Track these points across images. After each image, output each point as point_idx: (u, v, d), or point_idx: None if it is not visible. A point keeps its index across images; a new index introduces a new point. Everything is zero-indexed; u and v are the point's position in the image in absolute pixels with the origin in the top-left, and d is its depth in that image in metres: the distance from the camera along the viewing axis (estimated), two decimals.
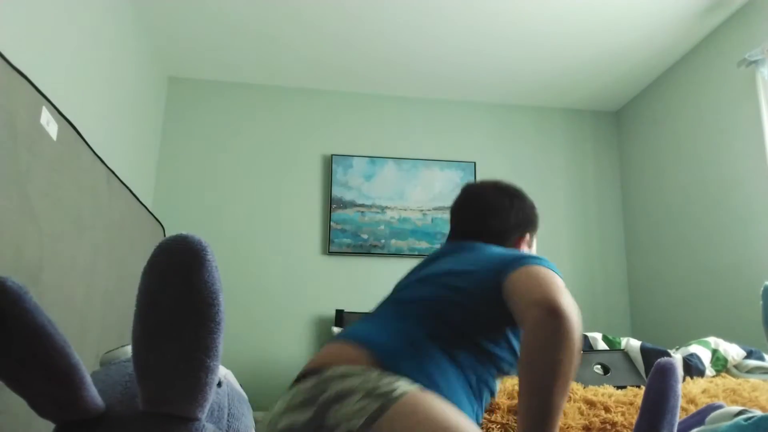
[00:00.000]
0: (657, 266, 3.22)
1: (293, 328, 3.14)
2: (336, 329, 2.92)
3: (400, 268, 3.32)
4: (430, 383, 0.85)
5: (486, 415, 1.24)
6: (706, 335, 2.74)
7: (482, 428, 1.17)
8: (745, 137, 2.59)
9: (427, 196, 3.39)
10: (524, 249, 1.23)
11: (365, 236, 3.28)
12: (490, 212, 1.20)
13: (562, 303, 0.79)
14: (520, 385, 0.79)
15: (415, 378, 0.84)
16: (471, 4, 2.66)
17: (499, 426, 1.18)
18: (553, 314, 0.78)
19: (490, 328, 0.96)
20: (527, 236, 1.23)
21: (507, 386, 1.27)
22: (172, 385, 0.62)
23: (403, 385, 0.78)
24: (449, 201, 3.40)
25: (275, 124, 3.43)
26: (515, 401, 1.23)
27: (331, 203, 3.30)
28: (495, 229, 1.18)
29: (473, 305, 0.97)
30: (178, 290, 0.60)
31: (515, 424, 1.17)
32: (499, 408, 1.25)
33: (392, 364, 0.84)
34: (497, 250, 1.08)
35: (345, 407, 0.75)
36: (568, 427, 1.13)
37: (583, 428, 1.14)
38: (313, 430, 0.75)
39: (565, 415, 1.16)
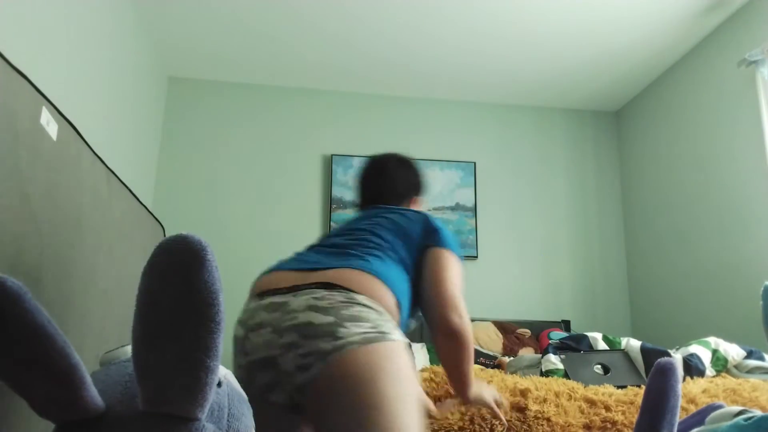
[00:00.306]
0: (657, 266, 3.22)
1: None
2: None
3: None
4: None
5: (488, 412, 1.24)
6: (706, 335, 2.74)
7: (486, 425, 1.17)
8: (745, 137, 2.59)
9: (427, 196, 3.39)
10: (417, 208, 1.50)
11: None
12: (394, 178, 1.46)
13: (453, 325, 1.11)
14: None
15: (404, 333, 1.13)
16: (471, 5, 2.66)
17: (500, 423, 1.18)
18: (449, 333, 1.12)
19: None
20: (418, 197, 1.51)
21: (509, 384, 1.27)
22: (172, 385, 0.62)
23: (398, 335, 1.03)
24: (449, 201, 3.41)
25: (275, 124, 3.43)
26: (517, 398, 1.23)
27: (331, 203, 3.30)
28: (398, 191, 1.45)
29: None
30: (178, 290, 0.60)
31: (518, 422, 1.17)
32: (500, 405, 1.25)
33: (402, 317, 1.12)
34: (415, 217, 1.28)
35: (356, 327, 0.96)
36: (568, 425, 1.13)
37: (584, 426, 1.14)
38: (327, 332, 0.96)
39: (566, 413, 1.16)
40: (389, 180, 1.46)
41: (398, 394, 0.92)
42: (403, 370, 0.96)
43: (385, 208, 1.34)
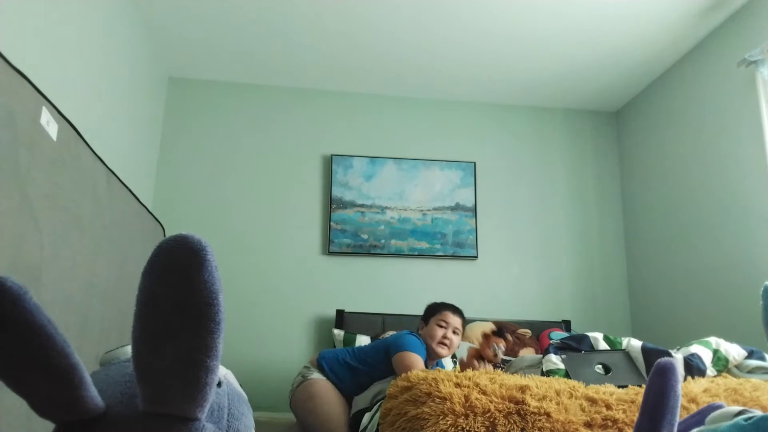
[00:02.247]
0: (657, 266, 3.22)
1: (293, 328, 3.14)
2: (336, 330, 2.92)
3: (400, 269, 3.32)
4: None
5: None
6: (707, 335, 2.73)
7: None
8: (745, 137, 2.59)
9: (427, 196, 3.39)
10: (424, 329, 2.33)
11: (365, 236, 3.28)
12: None
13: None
14: None
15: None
16: (471, 5, 2.66)
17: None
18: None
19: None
20: (423, 323, 2.36)
21: (509, 382, 1.27)
22: (172, 385, 0.62)
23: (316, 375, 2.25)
24: (449, 201, 3.41)
25: (275, 124, 3.43)
26: (517, 394, 1.22)
27: (331, 203, 3.30)
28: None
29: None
30: (178, 290, 0.60)
31: (517, 417, 1.17)
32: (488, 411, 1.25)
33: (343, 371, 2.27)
34: (391, 341, 2.22)
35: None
36: (569, 422, 1.13)
37: (585, 424, 1.14)
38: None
39: (566, 410, 1.16)
40: None
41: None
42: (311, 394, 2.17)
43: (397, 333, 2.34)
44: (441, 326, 2.25)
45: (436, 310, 2.33)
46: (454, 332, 2.27)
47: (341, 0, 2.65)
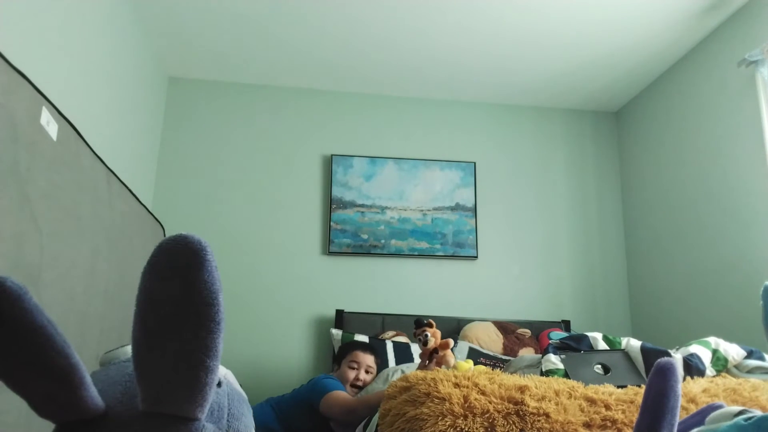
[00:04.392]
0: (657, 266, 3.22)
1: (293, 328, 3.14)
2: (335, 330, 2.92)
3: (400, 269, 3.32)
4: None
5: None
6: (707, 335, 2.73)
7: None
8: (745, 137, 2.59)
9: (427, 196, 3.39)
10: (337, 371, 2.34)
11: (365, 236, 3.28)
12: None
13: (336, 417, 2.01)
14: None
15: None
16: (471, 5, 2.66)
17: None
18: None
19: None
20: (336, 366, 2.39)
21: (509, 382, 1.27)
22: (172, 385, 0.62)
23: None
24: (449, 201, 3.41)
25: (275, 124, 3.43)
26: (516, 395, 1.23)
27: (331, 203, 3.30)
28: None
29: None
30: (177, 290, 0.60)
31: (516, 418, 1.17)
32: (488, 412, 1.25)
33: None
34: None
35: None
36: (568, 423, 1.13)
37: (584, 425, 1.14)
38: None
39: (565, 411, 1.16)
40: None
41: None
42: None
43: None
44: (352, 368, 2.28)
45: (346, 351, 2.34)
46: (366, 371, 2.28)
47: (341, 2, 2.65)
